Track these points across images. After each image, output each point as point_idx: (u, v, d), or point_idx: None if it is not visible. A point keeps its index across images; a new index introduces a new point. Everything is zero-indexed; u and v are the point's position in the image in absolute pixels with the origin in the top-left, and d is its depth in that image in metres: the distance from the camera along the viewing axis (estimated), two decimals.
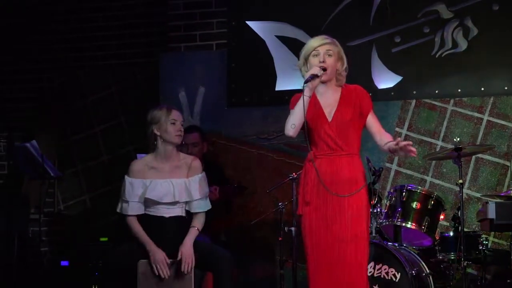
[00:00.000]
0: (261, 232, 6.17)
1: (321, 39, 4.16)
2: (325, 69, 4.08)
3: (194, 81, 6.58)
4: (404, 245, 5.32)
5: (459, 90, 6.03)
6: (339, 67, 4.17)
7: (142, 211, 4.67)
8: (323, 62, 4.09)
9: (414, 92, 6.12)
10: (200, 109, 6.54)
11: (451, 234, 5.30)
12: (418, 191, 5.32)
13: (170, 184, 4.64)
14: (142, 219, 4.67)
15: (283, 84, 6.30)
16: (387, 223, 5.30)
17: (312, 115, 4.10)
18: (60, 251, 6.61)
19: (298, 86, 4.28)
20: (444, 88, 6.05)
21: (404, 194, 5.28)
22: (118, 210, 4.71)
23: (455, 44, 6.04)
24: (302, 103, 4.01)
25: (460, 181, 5.00)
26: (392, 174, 6.10)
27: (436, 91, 6.08)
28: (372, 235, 5.13)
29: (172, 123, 4.68)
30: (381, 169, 5.36)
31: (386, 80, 6.16)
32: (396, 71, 6.16)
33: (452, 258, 5.26)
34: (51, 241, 6.90)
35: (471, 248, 5.22)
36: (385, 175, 6.03)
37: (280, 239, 5.48)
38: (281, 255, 5.54)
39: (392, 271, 4.99)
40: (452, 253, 5.25)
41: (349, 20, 6.23)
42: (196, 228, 4.66)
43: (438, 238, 5.32)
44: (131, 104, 6.88)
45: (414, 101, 6.13)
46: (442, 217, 5.37)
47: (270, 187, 5.61)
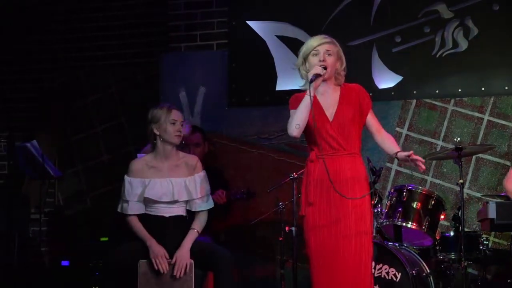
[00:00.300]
0: (261, 232, 6.17)
1: (320, 39, 4.16)
2: (325, 67, 4.08)
3: (195, 81, 6.57)
4: (405, 245, 5.32)
5: (460, 90, 6.03)
6: (338, 67, 4.17)
7: (143, 210, 4.67)
8: (323, 61, 4.09)
9: (415, 92, 6.12)
10: (200, 109, 6.54)
11: (452, 234, 5.30)
12: (419, 191, 5.31)
13: (170, 183, 4.64)
14: (143, 219, 4.67)
15: (284, 84, 6.29)
16: (388, 223, 5.30)
17: (314, 115, 4.10)
18: (61, 251, 6.61)
19: (298, 86, 4.30)
20: (445, 88, 6.05)
21: (404, 194, 5.27)
22: (119, 210, 4.71)
23: (455, 44, 6.04)
24: (305, 104, 4.01)
25: (461, 181, 4.99)
26: (392, 174, 6.10)
27: (437, 91, 6.07)
28: (373, 235, 5.13)
29: (172, 123, 4.67)
30: (381, 169, 5.36)
31: (387, 80, 6.16)
32: (396, 71, 6.15)
33: (453, 258, 5.26)
34: (51, 241, 6.89)
35: (472, 248, 5.21)
36: (385, 175, 6.03)
37: (280, 239, 5.48)
38: (281, 255, 5.54)
39: (392, 271, 4.99)
40: (452, 253, 5.25)
41: (349, 20, 6.23)
42: (195, 231, 4.65)
43: (439, 238, 5.32)
44: (131, 104, 6.87)
45: (415, 101, 6.13)
46: (442, 217, 5.36)
47: (271, 187, 5.61)
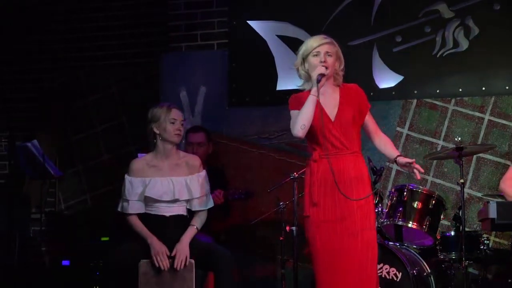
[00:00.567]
0: (262, 232, 6.17)
1: (320, 39, 4.17)
2: (327, 68, 4.09)
3: (195, 80, 6.57)
4: (405, 244, 5.32)
5: (460, 90, 6.02)
6: (337, 67, 4.18)
7: (143, 210, 4.67)
8: (324, 62, 4.10)
9: (415, 91, 6.12)
10: (201, 109, 6.54)
11: (452, 233, 5.29)
12: (419, 190, 5.32)
13: (170, 182, 4.64)
14: (143, 218, 4.67)
15: (284, 84, 6.29)
16: (388, 222, 5.30)
17: (316, 116, 4.10)
18: (61, 250, 6.60)
19: (296, 86, 4.30)
20: (445, 87, 6.05)
21: (405, 193, 5.28)
22: (119, 209, 4.71)
23: (456, 43, 6.04)
24: (310, 104, 4.03)
25: (461, 180, 4.99)
26: (393, 173, 6.10)
27: (437, 91, 6.07)
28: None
29: (172, 122, 4.67)
30: (382, 168, 5.36)
31: (387, 80, 6.16)
32: (397, 70, 6.15)
33: (453, 257, 5.26)
34: (52, 240, 6.89)
35: (472, 247, 5.21)
36: (386, 175, 6.02)
37: (281, 238, 5.48)
38: (282, 254, 5.53)
39: (393, 270, 4.99)
40: (453, 252, 5.24)
41: (350, 19, 6.22)
42: (195, 227, 4.65)
43: (439, 238, 5.32)
44: (132, 104, 6.87)
45: (415, 100, 6.12)
46: (443, 216, 5.37)
47: (271, 186, 5.61)
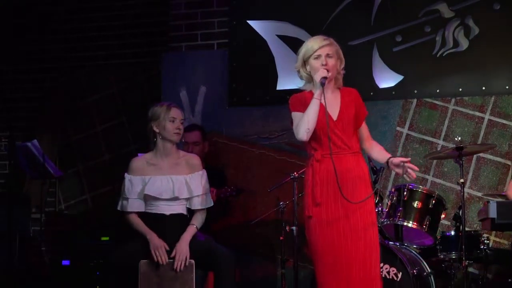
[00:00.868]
0: (262, 232, 6.16)
1: (320, 41, 4.16)
2: (328, 70, 4.10)
3: (195, 80, 6.57)
4: (405, 244, 5.32)
5: (460, 89, 6.02)
6: (338, 67, 4.19)
7: (142, 208, 4.66)
8: (325, 65, 4.10)
9: (415, 91, 6.12)
10: (201, 108, 6.54)
11: (452, 233, 5.29)
12: (419, 190, 5.32)
13: (170, 181, 4.63)
14: (143, 217, 4.67)
15: (284, 84, 6.29)
16: (388, 222, 5.30)
17: (319, 116, 4.09)
18: (61, 250, 6.60)
19: (299, 85, 4.30)
20: (445, 87, 6.05)
21: (405, 193, 5.28)
22: (118, 208, 4.71)
23: (456, 43, 6.04)
24: (314, 107, 4.04)
25: (461, 180, 4.99)
26: (393, 173, 6.06)
27: (437, 90, 6.07)
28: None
29: (171, 121, 4.67)
30: (382, 168, 5.35)
31: (387, 79, 6.16)
32: (397, 70, 6.15)
33: (454, 257, 5.26)
34: (52, 240, 6.89)
35: (472, 247, 5.21)
36: (386, 174, 6.02)
37: (281, 238, 5.49)
38: (282, 254, 5.54)
39: (393, 270, 4.99)
40: (453, 252, 5.24)
41: (350, 19, 6.23)
42: (194, 226, 4.65)
43: (439, 238, 5.32)
44: (132, 104, 6.88)
45: (415, 100, 6.12)
46: (443, 216, 5.37)
47: (271, 186, 5.61)
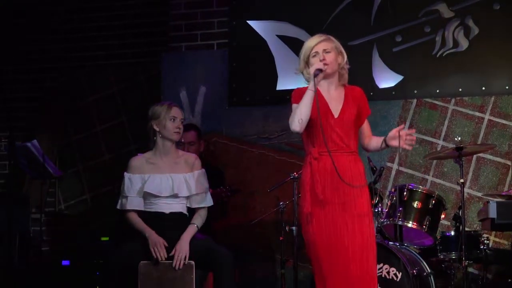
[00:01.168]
0: (262, 232, 6.16)
1: (316, 38, 4.17)
2: (325, 64, 4.08)
3: (195, 80, 6.57)
4: (405, 244, 5.32)
5: (460, 90, 6.02)
6: (340, 61, 4.18)
7: (142, 206, 4.66)
8: (323, 60, 4.10)
9: (415, 91, 6.12)
10: (201, 108, 6.54)
11: (452, 233, 5.29)
12: (419, 190, 5.31)
13: (169, 179, 4.64)
14: (142, 216, 4.67)
15: (284, 84, 6.29)
16: (388, 222, 5.30)
17: (315, 110, 4.07)
18: (61, 250, 6.61)
19: (299, 85, 4.29)
20: (445, 87, 6.05)
21: (405, 193, 5.27)
22: (118, 207, 4.71)
23: (456, 43, 6.04)
24: (308, 98, 4.01)
25: (461, 180, 4.99)
26: (393, 173, 6.10)
27: (437, 91, 6.07)
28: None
29: (172, 120, 4.68)
30: (382, 168, 5.36)
31: (387, 80, 6.16)
32: (397, 70, 6.15)
33: (453, 257, 5.26)
34: (52, 240, 6.89)
35: (472, 247, 5.21)
36: (386, 175, 6.02)
37: (281, 238, 5.49)
38: (282, 254, 5.54)
39: (393, 270, 4.99)
40: (453, 252, 5.24)
41: (350, 19, 6.23)
42: (195, 225, 4.65)
43: (439, 238, 5.32)
44: (132, 104, 6.88)
45: (415, 100, 6.12)
46: (443, 216, 5.36)
47: (271, 186, 5.61)
